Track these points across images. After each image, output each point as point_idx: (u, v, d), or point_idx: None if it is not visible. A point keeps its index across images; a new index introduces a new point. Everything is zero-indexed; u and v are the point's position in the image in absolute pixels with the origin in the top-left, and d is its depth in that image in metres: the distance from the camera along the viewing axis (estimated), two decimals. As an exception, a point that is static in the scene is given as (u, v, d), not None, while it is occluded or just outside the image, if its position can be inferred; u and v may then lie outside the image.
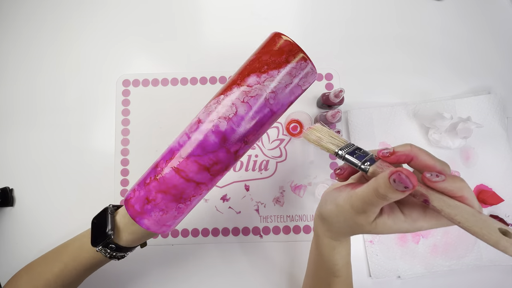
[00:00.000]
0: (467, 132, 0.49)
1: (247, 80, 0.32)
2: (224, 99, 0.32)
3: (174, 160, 0.32)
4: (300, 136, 0.54)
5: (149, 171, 0.34)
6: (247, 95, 0.32)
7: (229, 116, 0.31)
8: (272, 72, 0.32)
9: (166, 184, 0.32)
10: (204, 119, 0.32)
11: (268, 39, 0.33)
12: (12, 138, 0.56)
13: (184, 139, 0.33)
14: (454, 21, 0.59)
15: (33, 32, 0.60)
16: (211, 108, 0.33)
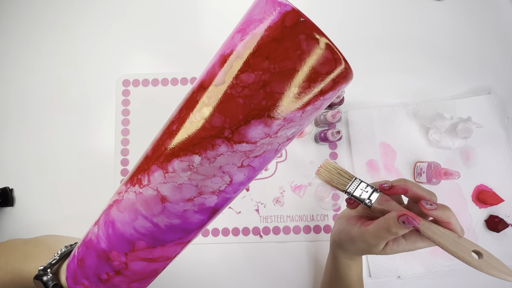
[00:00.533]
0: (467, 132, 0.49)
1: (246, 133, 0.18)
2: (204, 166, 0.19)
3: (141, 252, 0.23)
4: (300, 136, 0.54)
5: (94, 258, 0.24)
6: (249, 156, 0.20)
7: (220, 189, 0.21)
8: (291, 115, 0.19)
9: (141, 274, 0.25)
10: (173, 196, 0.20)
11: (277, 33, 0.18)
12: (12, 138, 0.56)
13: (146, 226, 0.22)
14: (454, 21, 0.59)
15: (33, 32, 0.60)
16: (178, 179, 0.20)
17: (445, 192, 0.53)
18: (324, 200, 0.53)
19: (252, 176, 0.22)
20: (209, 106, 0.18)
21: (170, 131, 0.21)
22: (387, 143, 0.55)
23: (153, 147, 0.22)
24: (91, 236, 0.24)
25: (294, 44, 0.18)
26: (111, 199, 0.24)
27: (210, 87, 0.19)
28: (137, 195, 0.21)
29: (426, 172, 0.50)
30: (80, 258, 0.25)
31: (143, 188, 0.21)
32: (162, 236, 0.22)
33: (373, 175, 0.54)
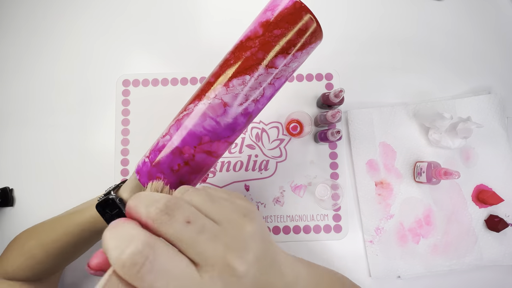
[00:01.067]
0: (467, 132, 0.49)
1: (275, 62, 0.31)
2: (252, 81, 0.31)
3: (204, 145, 0.32)
4: (300, 136, 0.54)
5: (170, 157, 0.32)
6: (275, 77, 0.32)
7: (257, 98, 0.32)
8: (297, 53, 0.32)
9: (199, 166, 0.33)
10: (231, 102, 0.32)
11: (293, 12, 0.30)
12: (12, 138, 0.56)
13: (211, 124, 0.32)
14: (454, 21, 0.59)
15: (32, 32, 0.60)
16: (236, 90, 0.31)
17: (445, 192, 0.53)
18: (324, 200, 0.53)
19: (273, 94, 0.33)
20: (255, 47, 0.31)
21: (229, 64, 0.32)
22: (387, 143, 0.55)
23: (214, 77, 0.33)
24: (163, 143, 0.33)
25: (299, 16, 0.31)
26: (177, 116, 0.34)
27: (255, 38, 0.32)
28: (206, 105, 0.32)
29: (426, 172, 0.50)
30: (154, 160, 0.33)
31: (210, 99, 0.32)
32: (219, 132, 0.32)
33: (373, 175, 0.54)
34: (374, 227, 0.53)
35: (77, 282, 0.53)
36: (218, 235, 0.20)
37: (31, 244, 0.42)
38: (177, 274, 0.17)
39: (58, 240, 0.41)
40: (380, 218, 0.53)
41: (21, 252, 0.42)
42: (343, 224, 0.54)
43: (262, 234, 0.23)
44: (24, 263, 0.41)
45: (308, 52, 0.33)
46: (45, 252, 0.41)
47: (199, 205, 0.21)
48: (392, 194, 0.53)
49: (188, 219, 0.19)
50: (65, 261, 0.44)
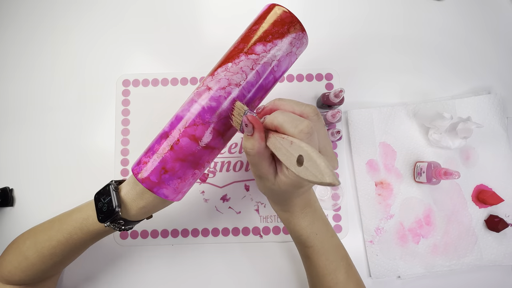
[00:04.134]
0: (467, 132, 0.49)
1: (254, 48, 0.34)
2: (233, 67, 0.34)
3: (189, 128, 0.33)
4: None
5: (158, 141, 0.34)
6: (256, 62, 0.34)
7: (240, 83, 0.33)
8: (276, 41, 0.34)
9: (183, 153, 0.33)
10: (214, 86, 0.33)
11: (267, 10, 0.35)
12: (12, 138, 0.56)
13: (196, 107, 0.33)
14: (454, 21, 0.59)
15: (32, 31, 0.60)
16: (219, 76, 0.34)
17: (445, 192, 0.53)
18: (324, 200, 0.53)
19: (259, 83, 0.34)
20: (238, 42, 0.35)
21: (219, 61, 0.36)
22: (387, 143, 0.55)
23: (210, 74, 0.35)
24: (159, 133, 0.36)
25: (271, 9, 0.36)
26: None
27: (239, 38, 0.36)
28: (193, 93, 0.35)
29: (426, 172, 0.50)
30: (147, 148, 0.36)
31: (199, 88, 0.35)
32: (203, 115, 0.33)
33: (373, 175, 0.54)
34: (374, 227, 0.53)
35: (76, 286, 0.53)
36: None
37: (26, 245, 0.41)
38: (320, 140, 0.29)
39: (51, 239, 0.40)
40: (380, 218, 0.53)
41: (16, 253, 0.41)
42: (343, 224, 0.54)
43: None
44: (18, 264, 0.40)
45: (292, 43, 0.35)
46: (38, 252, 0.40)
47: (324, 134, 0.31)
48: (392, 194, 0.53)
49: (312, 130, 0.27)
50: (59, 263, 0.42)
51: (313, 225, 0.37)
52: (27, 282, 0.42)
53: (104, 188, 0.38)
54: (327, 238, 0.38)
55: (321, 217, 0.38)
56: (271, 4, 0.36)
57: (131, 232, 0.53)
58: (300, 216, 0.36)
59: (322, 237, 0.38)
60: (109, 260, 0.53)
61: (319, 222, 0.38)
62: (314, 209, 0.37)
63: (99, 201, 0.37)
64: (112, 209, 0.35)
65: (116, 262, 0.53)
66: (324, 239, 0.38)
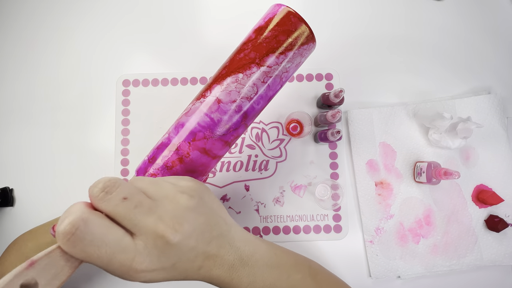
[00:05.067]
0: (467, 132, 0.49)
1: (266, 60, 0.33)
2: (244, 79, 0.33)
3: (199, 142, 0.33)
4: (300, 136, 0.54)
5: (165, 152, 0.33)
6: (267, 75, 0.34)
7: (251, 96, 0.33)
8: (289, 53, 0.34)
9: (194, 165, 0.33)
10: (225, 98, 0.33)
11: (282, 17, 0.34)
12: (12, 138, 0.56)
13: (206, 120, 0.33)
14: (454, 21, 0.59)
15: (32, 31, 0.60)
16: (230, 87, 0.33)
17: (445, 192, 0.53)
18: (324, 200, 0.53)
19: (267, 94, 0.34)
20: (248, 49, 0.34)
21: (225, 66, 0.34)
22: (387, 143, 0.55)
23: (213, 79, 0.35)
24: (162, 141, 0.35)
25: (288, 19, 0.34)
26: (177, 118, 0.36)
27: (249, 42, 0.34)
28: (202, 103, 0.34)
29: (426, 172, 0.50)
30: (152, 157, 0.34)
31: (206, 98, 0.34)
32: (213, 128, 0.33)
33: (373, 175, 0.54)
34: (374, 227, 0.53)
35: (75, 286, 0.53)
36: (153, 208, 0.22)
37: (28, 247, 0.41)
38: (110, 241, 0.20)
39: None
40: (380, 218, 0.53)
41: (18, 255, 0.41)
42: (343, 224, 0.54)
43: (205, 209, 0.26)
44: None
45: (302, 54, 0.35)
46: None
47: (140, 186, 0.24)
48: (392, 194, 0.53)
49: (125, 196, 0.21)
50: None
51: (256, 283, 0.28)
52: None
53: None
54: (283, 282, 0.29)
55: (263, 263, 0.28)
56: (285, 8, 0.34)
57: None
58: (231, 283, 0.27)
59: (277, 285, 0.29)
60: (109, 260, 0.53)
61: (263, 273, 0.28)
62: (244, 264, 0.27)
63: None
64: None
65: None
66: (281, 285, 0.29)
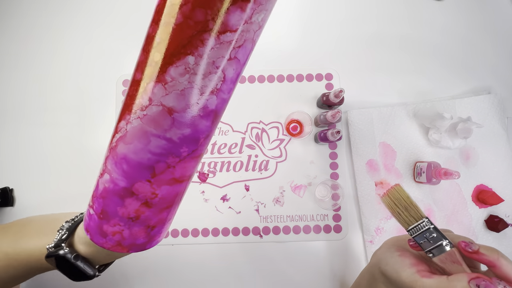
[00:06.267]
0: (467, 132, 0.49)
1: (228, 20, 0.19)
2: (200, 64, 0.20)
3: (163, 175, 0.23)
4: (300, 136, 0.54)
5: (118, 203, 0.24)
6: (235, 46, 0.20)
7: (217, 87, 0.21)
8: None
9: (167, 201, 0.25)
10: (178, 105, 0.21)
11: None
12: (13, 138, 0.56)
13: (161, 144, 0.22)
14: (454, 21, 0.59)
15: (33, 31, 0.60)
16: (180, 84, 0.20)
17: (445, 192, 0.53)
18: (324, 200, 0.53)
19: (239, 72, 0.22)
20: (187, 3, 0.19)
21: (153, 44, 0.21)
22: (387, 143, 0.55)
23: (140, 69, 0.22)
24: (104, 185, 0.24)
25: None
26: (110, 143, 0.24)
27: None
28: (142, 119, 0.22)
29: (426, 172, 0.50)
30: (100, 211, 0.25)
31: (146, 109, 0.21)
32: (177, 151, 0.22)
33: (373, 175, 0.54)
34: (374, 227, 0.53)
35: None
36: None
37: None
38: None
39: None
40: (380, 218, 0.53)
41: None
42: (343, 224, 0.54)
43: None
44: None
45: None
46: None
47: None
48: (392, 194, 0.53)
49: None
50: None
51: None
52: None
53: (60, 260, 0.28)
54: None
55: None
56: None
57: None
58: None
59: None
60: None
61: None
62: None
63: (61, 268, 0.29)
64: (89, 275, 0.29)
65: (115, 262, 0.53)
66: None
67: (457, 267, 0.27)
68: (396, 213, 0.30)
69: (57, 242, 0.28)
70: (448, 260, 0.27)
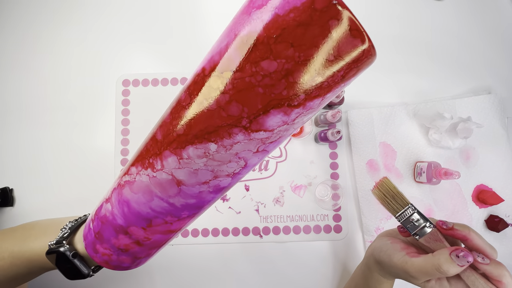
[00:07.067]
0: (467, 132, 0.49)
1: (264, 122, 0.18)
2: (219, 152, 0.19)
3: (159, 227, 0.24)
4: (300, 136, 0.54)
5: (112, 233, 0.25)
6: (265, 142, 0.19)
7: (234, 172, 0.21)
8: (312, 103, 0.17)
9: (157, 243, 0.27)
10: (189, 180, 0.21)
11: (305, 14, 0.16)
12: (13, 138, 0.56)
13: (162, 205, 0.22)
14: (454, 21, 0.59)
15: (33, 31, 0.60)
16: (194, 165, 0.20)
17: (445, 192, 0.53)
18: (324, 200, 0.53)
19: (264, 158, 0.22)
20: (226, 94, 0.17)
21: (180, 116, 0.19)
22: (387, 143, 0.55)
23: (162, 131, 0.21)
24: (105, 212, 0.25)
25: (323, 30, 0.16)
26: (120, 178, 0.25)
27: (225, 73, 0.17)
28: (151, 179, 0.22)
29: (426, 172, 0.50)
30: (97, 231, 0.26)
31: (156, 173, 0.21)
32: (178, 213, 0.23)
33: (373, 175, 0.54)
34: (374, 227, 0.53)
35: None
36: None
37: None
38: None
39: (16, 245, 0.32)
40: (380, 218, 0.53)
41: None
42: (343, 224, 0.54)
43: None
44: None
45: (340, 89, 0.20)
46: None
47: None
48: (392, 194, 0.53)
49: None
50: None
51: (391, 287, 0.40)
52: None
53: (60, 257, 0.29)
54: None
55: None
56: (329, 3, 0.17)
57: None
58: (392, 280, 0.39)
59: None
60: (109, 260, 0.53)
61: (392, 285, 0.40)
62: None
63: (59, 265, 0.30)
64: (84, 274, 0.30)
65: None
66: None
67: (440, 244, 0.30)
68: (386, 202, 0.34)
69: (58, 240, 0.30)
70: (432, 239, 0.30)
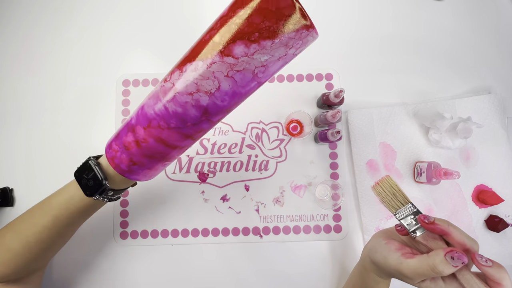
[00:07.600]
0: (467, 132, 0.49)
1: (233, 49, 0.26)
2: (203, 69, 0.28)
3: (154, 130, 0.31)
4: (300, 136, 0.54)
5: (125, 131, 0.33)
6: (232, 68, 0.27)
7: (211, 91, 0.28)
8: (264, 43, 0.25)
9: (150, 151, 0.32)
10: (181, 88, 0.29)
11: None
12: (12, 138, 0.56)
13: (160, 109, 0.30)
14: (454, 21, 0.59)
15: (33, 31, 0.60)
16: (188, 76, 0.28)
17: (445, 192, 0.53)
18: (324, 200, 0.53)
19: (235, 91, 0.29)
20: (216, 29, 0.27)
21: (190, 49, 0.30)
22: (387, 143, 0.55)
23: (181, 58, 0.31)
24: (128, 119, 0.34)
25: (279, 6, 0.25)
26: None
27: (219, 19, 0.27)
28: (161, 87, 0.31)
29: (426, 172, 0.50)
30: (117, 132, 0.35)
31: (166, 83, 0.30)
32: (167, 119, 0.30)
33: (373, 175, 0.54)
34: (374, 227, 0.53)
35: (65, 277, 0.53)
36: None
37: (7, 238, 0.39)
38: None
39: (35, 226, 0.38)
40: (380, 218, 0.53)
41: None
42: (343, 224, 0.54)
43: None
44: (1, 258, 0.38)
45: (288, 45, 0.26)
46: (22, 241, 0.38)
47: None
48: (392, 194, 0.53)
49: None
50: (46, 250, 0.40)
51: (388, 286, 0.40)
52: (10, 277, 0.39)
53: (84, 165, 0.37)
54: None
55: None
56: None
57: (131, 232, 0.53)
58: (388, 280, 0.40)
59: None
60: (109, 260, 0.53)
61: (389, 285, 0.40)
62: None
63: (82, 178, 0.37)
64: (99, 181, 0.36)
65: (116, 262, 0.53)
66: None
67: (437, 243, 0.30)
68: (386, 200, 0.34)
69: (87, 159, 0.38)
70: (429, 237, 0.31)
